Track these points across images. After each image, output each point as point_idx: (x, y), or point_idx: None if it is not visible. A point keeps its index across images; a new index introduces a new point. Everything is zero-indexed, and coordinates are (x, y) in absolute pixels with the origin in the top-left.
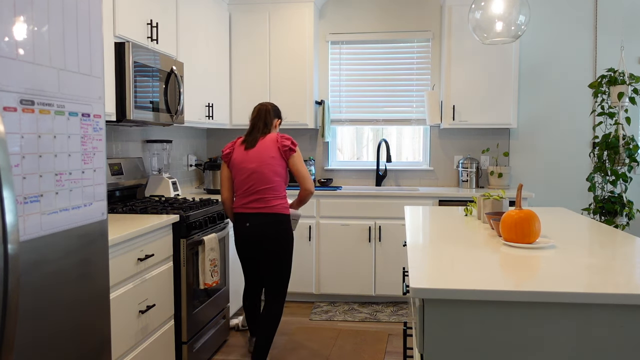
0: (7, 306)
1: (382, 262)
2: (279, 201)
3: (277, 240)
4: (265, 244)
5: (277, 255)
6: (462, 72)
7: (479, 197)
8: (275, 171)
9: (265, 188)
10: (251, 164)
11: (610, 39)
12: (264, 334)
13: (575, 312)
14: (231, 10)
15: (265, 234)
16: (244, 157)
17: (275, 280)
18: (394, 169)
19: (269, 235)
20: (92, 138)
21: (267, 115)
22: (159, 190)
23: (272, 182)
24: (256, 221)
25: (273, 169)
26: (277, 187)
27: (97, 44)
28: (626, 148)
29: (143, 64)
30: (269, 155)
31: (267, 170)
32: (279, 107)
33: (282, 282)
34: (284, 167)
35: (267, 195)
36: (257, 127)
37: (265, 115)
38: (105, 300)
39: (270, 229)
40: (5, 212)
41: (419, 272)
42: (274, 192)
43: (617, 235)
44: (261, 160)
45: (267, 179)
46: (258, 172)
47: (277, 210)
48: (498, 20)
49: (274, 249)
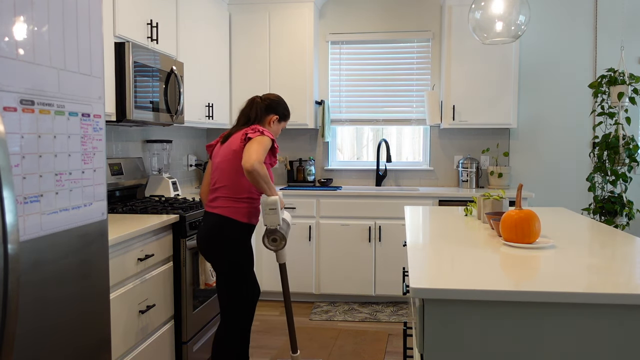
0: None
1: (382, 262)
2: (230, 203)
3: (214, 247)
4: (205, 248)
5: (215, 264)
6: (462, 72)
7: (479, 197)
8: (233, 167)
9: (222, 186)
10: (217, 158)
11: (610, 39)
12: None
13: (575, 312)
14: (231, 10)
15: (206, 236)
16: (217, 151)
17: (220, 296)
18: (394, 169)
19: (207, 238)
20: (92, 138)
21: (253, 109)
22: (159, 190)
23: (229, 179)
24: (207, 221)
25: (232, 165)
26: (233, 185)
27: (97, 44)
28: (626, 148)
29: (143, 64)
30: (231, 149)
31: (226, 166)
32: (279, 102)
33: (228, 300)
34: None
35: (221, 195)
36: (238, 122)
37: (250, 109)
38: (105, 300)
39: (210, 231)
40: (5, 212)
41: (419, 272)
42: (228, 191)
43: (617, 235)
44: (224, 155)
45: (225, 176)
46: (219, 168)
47: (221, 211)
48: (498, 20)
49: (211, 256)
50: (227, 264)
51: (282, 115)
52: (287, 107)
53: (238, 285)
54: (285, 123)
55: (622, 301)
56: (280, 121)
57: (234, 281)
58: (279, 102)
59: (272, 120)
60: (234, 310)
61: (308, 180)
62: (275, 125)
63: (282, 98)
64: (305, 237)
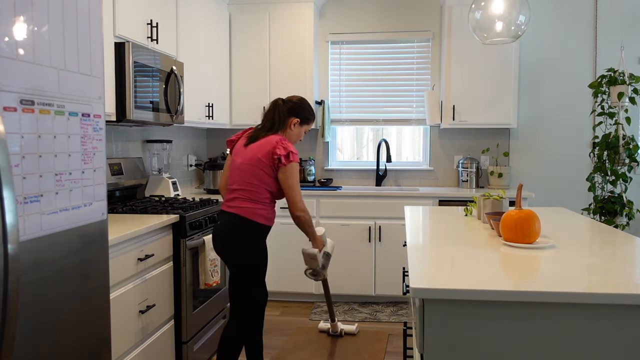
0: (7, 306)
1: (382, 262)
2: (248, 204)
3: (229, 246)
4: (222, 247)
5: (231, 263)
6: (462, 72)
7: (479, 197)
8: (257, 175)
9: (240, 189)
10: (240, 159)
11: (610, 39)
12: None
13: (575, 312)
14: (231, 10)
15: (222, 235)
16: (239, 150)
17: (232, 294)
18: (394, 169)
19: (223, 237)
20: (92, 138)
21: (276, 112)
22: (159, 190)
23: (250, 184)
24: (223, 219)
25: (255, 172)
26: (253, 190)
27: (97, 44)
28: (626, 148)
29: (143, 64)
30: (257, 157)
31: (249, 171)
32: (301, 105)
33: (240, 299)
34: (270, 176)
35: (239, 196)
36: (264, 125)
37: (273, 112)
38: (105, 300)
39: (226, 231)
40: (5, 212)
41: (419, 272)
42: (247, 194)
43: (617, 235)
44: (248, 159)
45: (245, 180)
46: (240, 169)
47: (239, 211)
48: (498, 20)
49: (227, 254)
50: (241, 265)
51: (304, 119)
52: (309, 110)
53: (250, 287)
54: (308, 126)
55: (622, 301)
56: (301, 124)
57: (246, 282)
58: (302, 105)
59: (293, 123)
60: (245, 310)
61: (308, 180)
62: (297, 128)
63: (305, 101)
64: (305, 237)
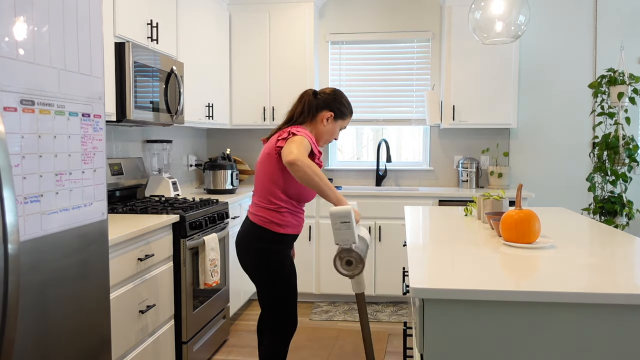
0: (7, 306)
1: (382, 262)
2: (260, 211)
3: (243, 257)
4: (239, 257)
5: (252, 275)
6: (462, 72)
7: (479, 197)
8: (266, 171)
9: (256, 192)
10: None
11: (610, 39)
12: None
13: (575, 312)
14: (231, 11)
15: (237, 243)
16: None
17: (263, 307)
18: (394, 169)
19: (237, 244)
20: (92, 138)
21: (300, 105)
22: (159, 190)
23: (262, 185)
24: (242, 225)
25: (264, 169)
26: (265, 191)
27: (97, 44)
28: (626, 148)
29: (143, 64)
30: (265, 153)
31: (260, 171)
32: (335, 97)
33: (271, 312)
34: (277, 168)
35: (255, 200)
36: (288, 118)
37: (297, 105)
38: (106, 300)
39: (240, 238)
40: (5, 212)
41: (419, 272)
42: (260, 198)
43: (617, 235)
44: (260, 158)
45: (257, 181)
46: (257, 171)
47: (253, 218)
48: (498, 20)
49: (242, 266)
50: (257, 281)
51: (339, 112)
52: (344, 103)
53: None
54: (344, 122)
55: (622, 301)
56: (336, 119)
57: (270, 307)
58: (335, 96)
59: (325, 117)
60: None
61: None
62: (330, 123)
63: (339, 92)
64: (305, 237)
